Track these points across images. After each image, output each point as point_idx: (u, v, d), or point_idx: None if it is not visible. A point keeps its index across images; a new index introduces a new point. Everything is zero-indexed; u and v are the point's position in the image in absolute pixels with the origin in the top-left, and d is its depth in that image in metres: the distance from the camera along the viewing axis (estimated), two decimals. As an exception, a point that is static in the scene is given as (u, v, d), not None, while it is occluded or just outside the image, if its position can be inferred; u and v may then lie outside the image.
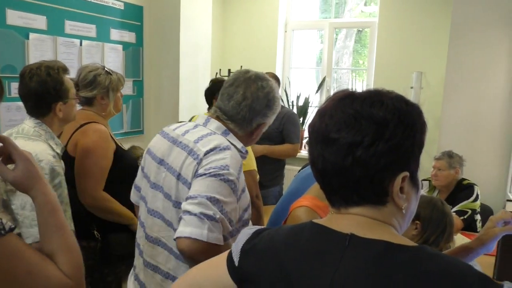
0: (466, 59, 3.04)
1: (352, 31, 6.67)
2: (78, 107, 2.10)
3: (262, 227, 0.84)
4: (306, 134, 4.60)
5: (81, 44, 3.22)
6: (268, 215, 1.95)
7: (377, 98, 0.72)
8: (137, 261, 1.43)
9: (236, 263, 0.78)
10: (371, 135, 0.68)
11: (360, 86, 8.13)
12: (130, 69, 3.68)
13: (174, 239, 1.15)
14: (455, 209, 2.47)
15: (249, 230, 0.81)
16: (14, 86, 2.62)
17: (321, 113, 0.75)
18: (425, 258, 0.64)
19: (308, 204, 1.07)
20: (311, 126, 0.76)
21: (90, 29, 3.30)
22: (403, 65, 3.96)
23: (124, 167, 2.03)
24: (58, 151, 1.69)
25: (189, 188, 1.24)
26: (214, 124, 1.36)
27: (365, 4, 6.68)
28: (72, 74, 1.96)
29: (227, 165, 1.23)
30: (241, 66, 4.38)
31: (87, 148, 1.91)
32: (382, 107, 0.70)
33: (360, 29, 6.65)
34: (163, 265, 1.32)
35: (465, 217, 2.45)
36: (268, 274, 0.73)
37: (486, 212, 2.71)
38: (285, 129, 3.03)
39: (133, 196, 1.55)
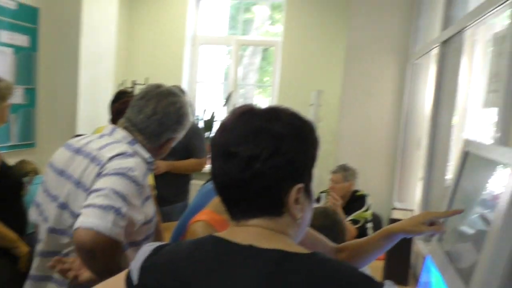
0: (359, 79, 3.32)
1: (258, 48, 6.91)
2: None
3: (163, 243, 0.82)
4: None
5: (-38, 45, 2.88)
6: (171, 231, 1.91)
7: (274, 114, 0.76)
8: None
9: (135, 282, 0.75)
10: (269, 149, 0.71)
11: (265, 102, 8.40)
12: (21, 75, 3.37)
13: (73, 230, 1.08)
14: (349, 218, 2.65)
15: (148, 247, 0.79)
16: None
17: (222, 127, 0.77)
18: (318, 263, 0.68)
19: (205, 219, 1.08)
20: (213, 140, 0.78)
21: (-27, 29, 2.98)
22: (304, 83, 4.19)
23: (6, 185, 1.87)
24: None
25: (87, 193, 1.19)
26: (121, 133, 1.35)
27: (271, 24, 6.97)
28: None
29: (132, 167, 1.22)
30: (147, 78, 4.28)
31: None
32: (278, 123, 0.74)
33: (266, 47, 6.92)
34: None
35: (359, 225, 2.65)
36: None
37: (376, 219, 2.97)
38: (191, 143, 3.00)
39: (32, 215, 1.44)
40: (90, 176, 1.22)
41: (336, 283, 0.65)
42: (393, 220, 2.21)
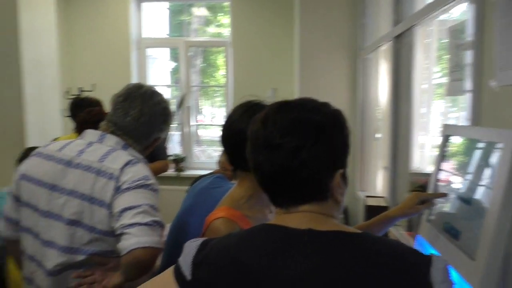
0: (313, 76, 3.43)
1: (199, 51, 6.88)
2: None
3: (205, 238, 0.83)
4: (169, 151, 4.54)
5: None
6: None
7: (312, 105, 0.80)
8: None
9: (189, 277, 0.76)
10: (312, 138, 0.75)
11: (208, 104, 8.34)
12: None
13: (128, 251, 1.11)
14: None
15: (193, 242, 0.81)
16: None
17: (263, 120, 0.80)
18: (373, 241, 0.74)
19: (225, 215, 1.09)
20: (253, 133, 0.80)
21: None
22: (259, 82, 4.25)
23: None
24: None
25: (107, 210, 1.20)
26: (112, 139, 1.33)
27: (207, 26, 6.96)
28: None
29: (147, 175, 1.25)
30: (94, 85, 4.10)
31: None
32: (318, 113, 0.79)
33: (205, 49, 6.88)
34: None
35: None
36: (227, 281, 0.73)
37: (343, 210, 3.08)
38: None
39: (5, 230, 1.39)
40: (106, 191, 1.21)
41: (391, 257, 0.70)
42: (369, 207, 2.33)
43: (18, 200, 1.34)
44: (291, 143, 0.74)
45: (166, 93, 5.30)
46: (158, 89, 1.45)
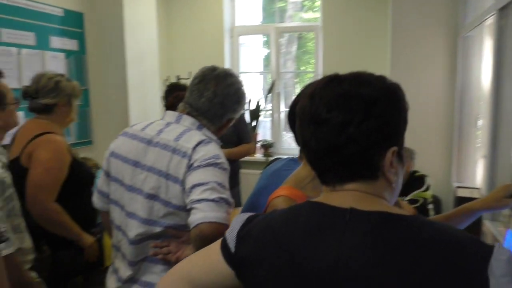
0: (407, 58, 3.22)
1: (293, 37, 6.85)
2: (32, 115, 2.01)
3: (253, 213, 0.84)
4: (259, 137, 4.64)
5: (19, 53, 3.02)
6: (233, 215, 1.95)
7: (363, 79, 0.76)
8: (120, 264, 1.43)
9: (233, 250, 0.78)
10: (361, 113, 0.71)
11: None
12: (74, 77, 3.47)
13: (195, 225, 1.17)
14: (407, 198, 2.60)
15: (241, 217, 0.82)
16: None
17: (310, 95, 0.77)
18: (423, 226, 0.68)
19: (286, 193, 1.10)
20: (301, 109, 0.78)
21: (29, 37, 3.11)
22: (350, 68, 4.09)
23: (79, 180, 1.99)
24: (4, 160, 1.59)
25: (181, 186, 1.27)
26: (188, 120, 1.39)
27: (304, 12, 6.88)
28: (11, 83, 1.84)
29: (217, 154, 1.29)
30: (190, 73, 4.34)
31: (42, 160, 1.85)
32: (369, 87, 0.73)
33: (300, 35, 6.83)
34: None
35: (417, 205, 2.59)
36: (269, 256, 0.73)
37: (435, 200, 2.88)
38: (239, 130, 3.09)
39: (98, 202, 1.53)
40: (179, 168, 1.28)
41: (444, 243, 0.65)
42: (460, 198, 2.15)
43: (108, 175, 1.47)
44: (338, 118, 0.71)
45: (258, 80, 5.41)
46: (233, 72, 1.47)
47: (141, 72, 3.87)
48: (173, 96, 2.38)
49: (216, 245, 0.83)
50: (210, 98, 1.38)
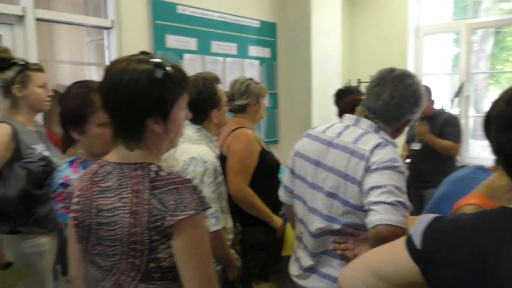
0: None
1: (488, 32, 6.11)
2: (230, 114, 2.39)
3: (439, 215, 0.85)
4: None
5: (224, 62, 3.56)
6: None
7: None
8: (302, 253, 1.57)
9: (419, 246, 0.79)
10: None
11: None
12: (266, 82, 3.92)
13: (373, 226, 1.21)
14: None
15: (426, 216, 0.84)
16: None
17: (508, 99, 0.76)
18: None
19: (477, 202, 1.05)
20: (497, 113, 0.77)
21: (232, 48, 3.63)
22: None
23: (267, 167, 2.25)
24: (217, 152, 1.92)
25: (358, 187, 1.33)
26: (366, 123, 1.43)
27: (505, 1, 6.04)
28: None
29: (394, 158, 1.31)
30: (371, 76, 4.35)
31: (237, 150, 2.17)
32: None
33: (498, 30, 6.05)
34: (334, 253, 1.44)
35: None
36: (457, 257, 0.73)
37: None
38: (445, 131, 3.20)
39: (283, 196, 1.69)
40: (357, 170, 1.34)
41: None
42: None
43: (293, 173, 1.59)
44: None
45: (444, 82, 5.06)
46: (409, 72, 1.45)
47: (323, 76, 4.08)
48: (348, 99, 2.50)
49: (400, 242, 0.85)
50: (387, 100, 1.39)
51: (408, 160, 3.46)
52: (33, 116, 2.01)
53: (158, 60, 0.99)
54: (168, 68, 0.99)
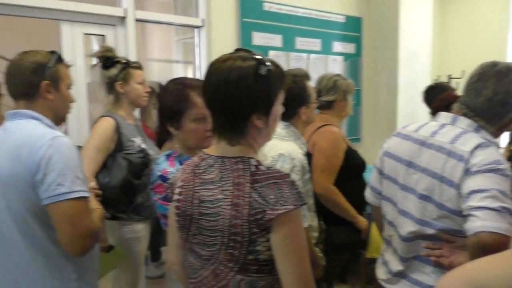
0: None
1: None
2: (317, 111, 2.37)
3: None
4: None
5: (308, 58, 3.54)
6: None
7: None
8: (391, 257, 1.51)
9: None
10: None
11: None
12: (349, 78, 3.84)
13: (474, 233, 1.13)
14: None
15: None
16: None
17: None
18: None
19: None
20: None
21: (316, 44, 3.61)
22: None
23: (353, 166, 2.20)
24: (304, 149, 1.91)
25: (456, 190, 1.24)
26: (464, 121, 1.33)
27: None
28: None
29: (498, 160, 1.21)
30: (463, 71, 4.08)
31: (323, 148, 2.15)
32: None
33: None
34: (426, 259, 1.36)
35: None
36: None
37: None
38: None
39: (370, 197, 1.62)
40: (455, 172, 1.25)
41: None
42: None
43: (381, 173, 1.51)
44: None
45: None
46: None
47: (411, 72, 3.90)
48: (443, 95, 2.35)
49: (509, 255, 0.78)
50: (490, 97, 1.29)
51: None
52: (132, 111, 2.16)
53: (260, 56, 1.01)
54: (268, 64, 1.00)
